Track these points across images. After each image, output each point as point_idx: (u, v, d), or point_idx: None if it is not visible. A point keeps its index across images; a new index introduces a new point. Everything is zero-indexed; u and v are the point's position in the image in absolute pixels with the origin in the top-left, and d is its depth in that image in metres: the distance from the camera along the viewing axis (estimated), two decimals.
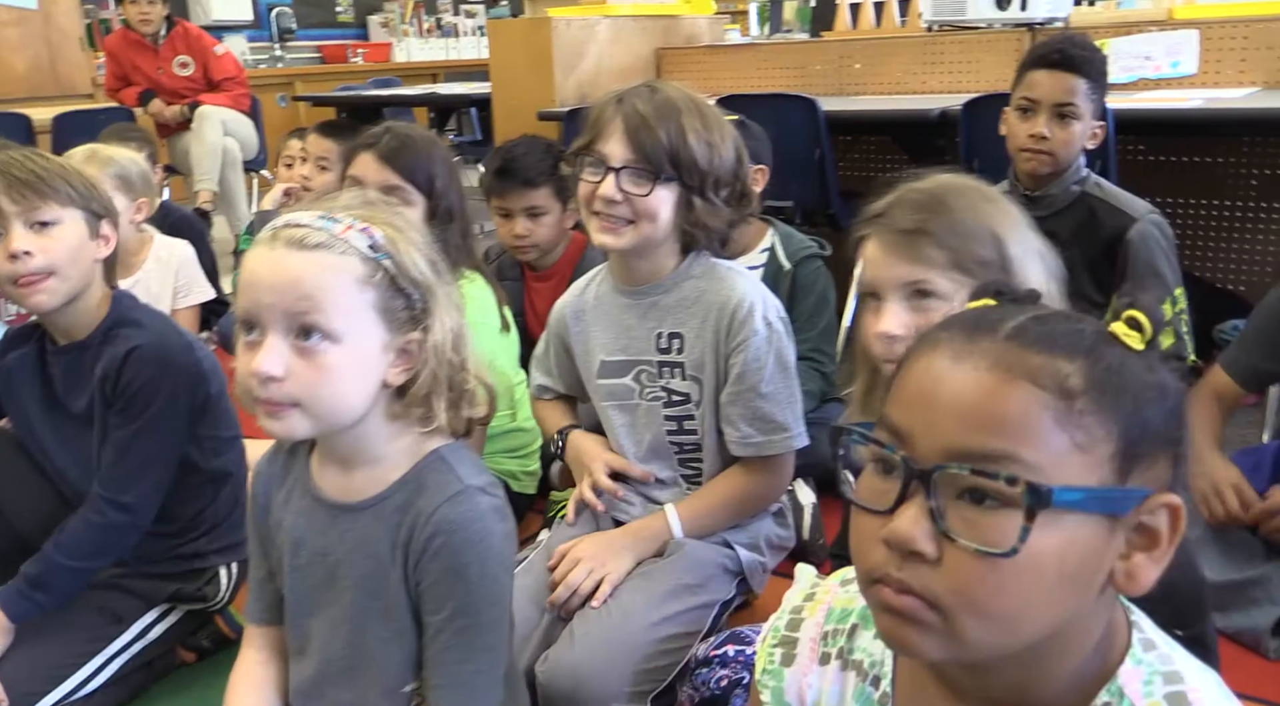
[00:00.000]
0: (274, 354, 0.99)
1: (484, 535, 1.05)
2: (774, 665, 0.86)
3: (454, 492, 1.06)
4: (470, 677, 1.08)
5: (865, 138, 3.60)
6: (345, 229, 1.03)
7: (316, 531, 1.12)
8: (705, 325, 1.56)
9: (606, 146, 1.49)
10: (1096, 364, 0.64)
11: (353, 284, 1.01)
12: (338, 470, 1.12)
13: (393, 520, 1.08)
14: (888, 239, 1.17)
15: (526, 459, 2.13)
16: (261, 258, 1.03)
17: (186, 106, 4.78)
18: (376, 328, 1.03)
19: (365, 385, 1.04)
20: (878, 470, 0.68)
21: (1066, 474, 0.62)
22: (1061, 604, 0.64)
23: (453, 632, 1.06)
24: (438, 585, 1.06)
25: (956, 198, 1.17)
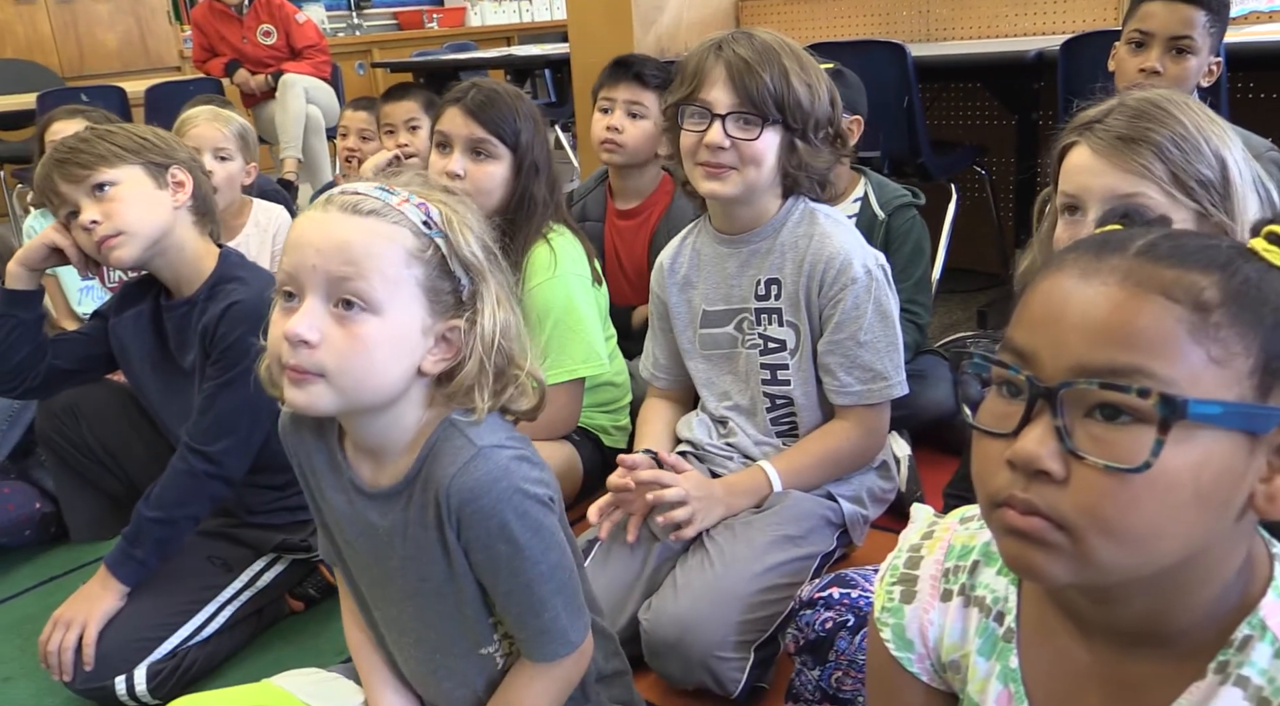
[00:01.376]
0: (311, 317, 0.95)
1: (512, 491, 1.01)
2: (894, 602, 0.84)
3: (469, 457, 1.01)
4: (550, 623, 1.06)
5: (953, 85, 3.50)
6: (401, 201, 1.00)
7: (358, 515, 1.09)
8: (801, 272, 1.54)
9: (710, 94, 1.48)
10: (1233, 277, 0.62)
11: (402, 255, 0.97)
12: (368, 460, 1.09)
13: (421, 499, 1.04)
14: (1102, 145, 1.11)
15: (617, 413, 2.13)
16: (311, 220, 0.99)
17: (270, 75, 4.86)
18: (419, 307, 0.99)
19: (400, 366, 0.99)
20: (1001, 394, 0.66)
21: (1202, 389, 0.60)
22: (1196, 525, 0.62)
23: (519, 592, 1.04)
24: (484, 550, 1.03)
25: (1182, 111, 1.10)
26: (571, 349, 1.89)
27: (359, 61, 6.71)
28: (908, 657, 0.84)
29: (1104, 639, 0.72)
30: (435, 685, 1.15)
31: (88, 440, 1.91)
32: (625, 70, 2.36)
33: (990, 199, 3.33)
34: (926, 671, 0.84)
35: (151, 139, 1.61)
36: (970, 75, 3.30)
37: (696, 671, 1.38)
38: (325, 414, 1.02)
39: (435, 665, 1.13)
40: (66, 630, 1.51)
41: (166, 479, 1.56)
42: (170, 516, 1.55)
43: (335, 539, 1.15)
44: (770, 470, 1.55)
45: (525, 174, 1.87)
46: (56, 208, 1.58)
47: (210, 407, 1.56)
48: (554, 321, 1.88)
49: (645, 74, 2.34)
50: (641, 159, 2.38)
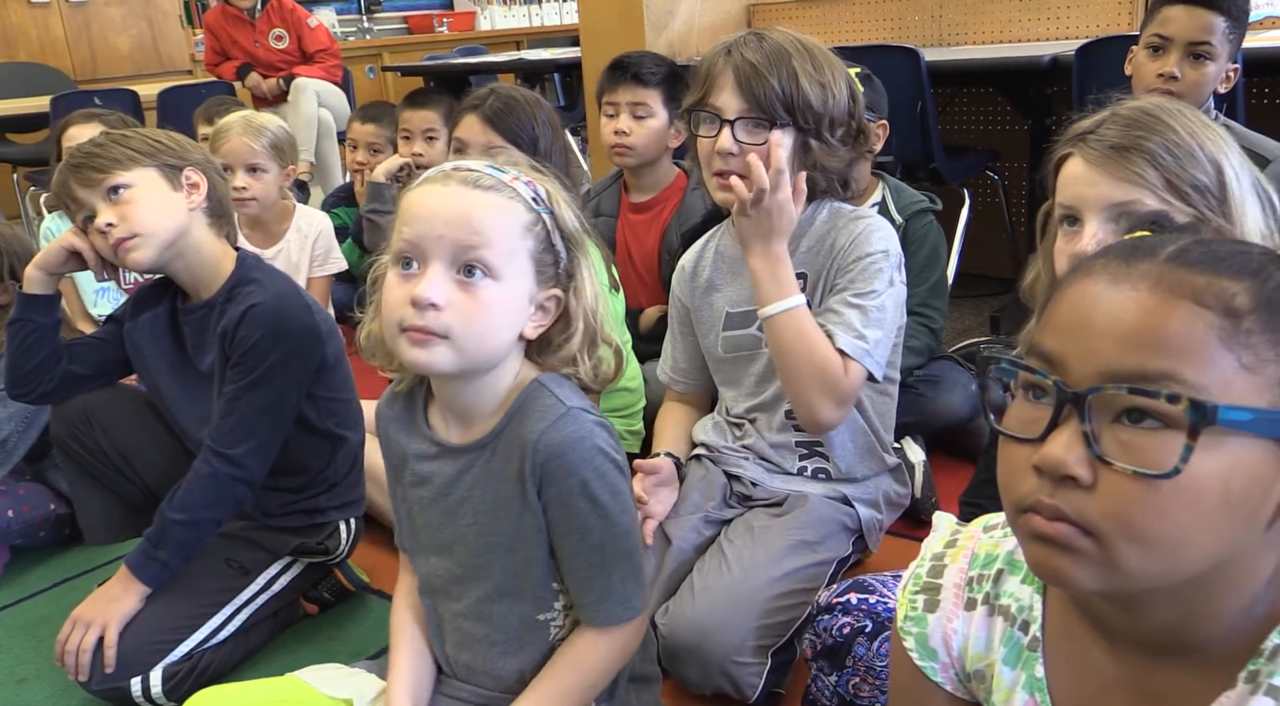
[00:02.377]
0: (438, 282, 1.01)
1: (595, 452, 1.07)
2: (917, 611, 0.84)
3: (558, 415, 1.07)
4: (618, 586, 1.10)
5: (966, 90, 3.49)
6: (513, 179, 1.07)
7: (436, 471, 1.14)
8: (826, 260, 1.54)
9: (719, 99, 1.47)
10: (1265, 283, 0.61)
11: (517, 228, 1.05)
12: (455, 422, 1.14)
13: (504, 453, 1.09)
14: (1096, 155, 1.12)
15: (631, 418, 2.13)
16: (434, 192, 1.05)
17: (282, 79, 4.88)
18: (529, 276, 1.06)
19: (511, 329, 1.07)
20: (1027, 398, 0.66)
21: (1233, 395, 0.59)
22: (1225, 533, 0.61)
23: (589, 550, 1.09)
24: (563, 508, 1.08)
25: (1175, 117, 1.11)
26: None
27: (369, 65, 6.72)
28: (932, 667, 0.83)
29: (1131, 648, 0.71)
30: (484, 655, 1.17)
31: (101, 444, 1.91)
32: (623, 72, 2.37)
33: (1003, 204, 3.33)
34: (951, 681, 0.83)
35: (165, 142, 1.62)
36: (983, 80, 3.30)
37: (714, 676, 1.37)
38: (444, 372, 1.07)
39: (488, 632, 1.16)
40: (86, 630, 1.52)
41: (190, 481, 1.57)
42: (194, 519, 1.56)
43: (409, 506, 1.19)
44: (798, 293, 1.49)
45: None
46: (74, 213, 1.59)
47: (232, 411, 1.57)
48: None
49: (643, 73, 2.34)
50: (652, 157, 2.39)
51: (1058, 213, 1.19)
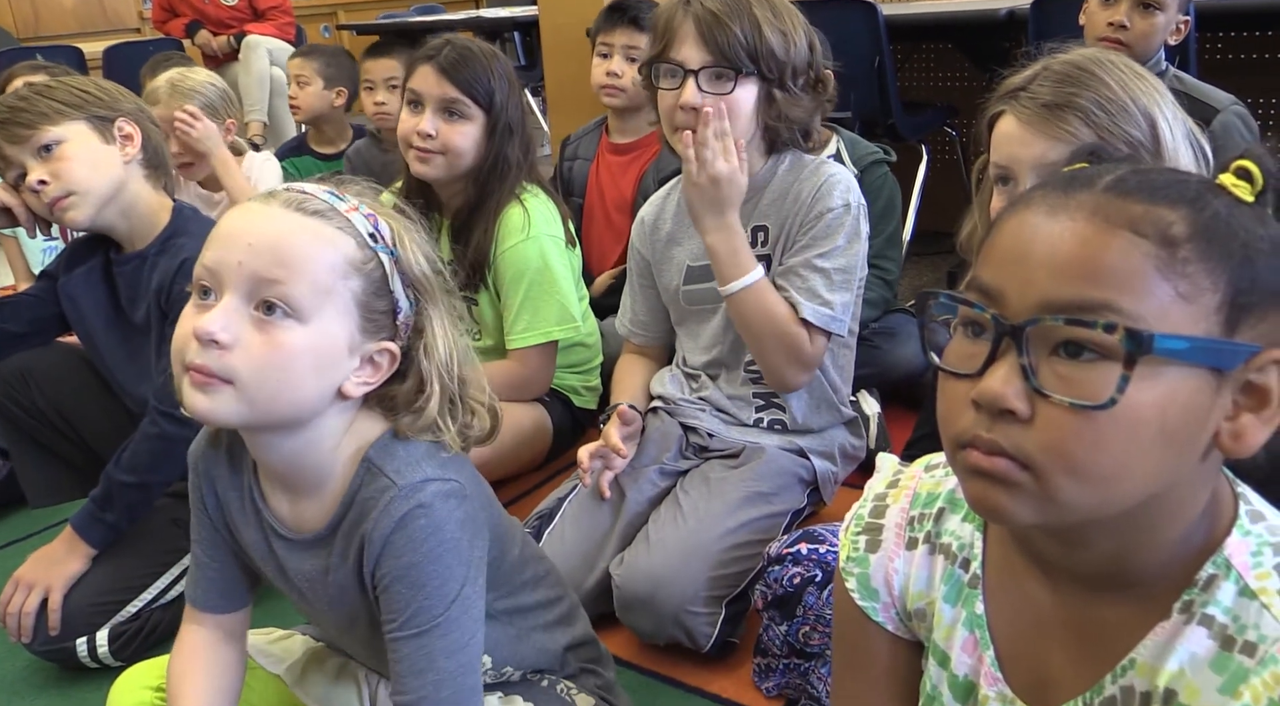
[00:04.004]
0: (227, 316, 0.86)
1: (431, 530, 0.93)
2: (859, 552, 0.84)
3: (388, 500, 0.93)
4: (434, 690, 0.94)
5: (925, 45, 3.48)
6: (350, 208, 0.93)
7: (276, 556, 1.02)
8: (789, 211, 1.52)
9: (681, 52, 1.45)
10: (1201, 212, 0.61)
11: (340, 264, 0.89)
12: (283, 494, 1.00)
13: (341, 547, 0.97)
14: (1028, 114, 1.10)
15: (588, 374, 2.12)
16: (248, 211, 0.91)
17: (233, 37, 4.77)
18: (350, 322, 0.91)
19: (318, 382, 0.91)
20: (967, 334, 0.65)
21: (1169, 324, 0.59)
22: (1161, 463, 0.61)
23: (409, 641, 0.94)
24: (389, 591, 0.94)
25: (1107, 71, 1.09)
26: (545, 310, 1.88)
27: (324, 24, 6.59)
28: (873, 607, 0.83)
29: (1069, 582, 0.71)
30: None
31: (40, 405, 1.86)
32: (620, 15, 2.38)
33: (961, 160, 3.33)
34: (892, 620, 0.83)
35: (94, 92, 1.56)
36: (942, 35, 3.28)
37: (668, 626, 1.38)
38: (227, 424, 0.94)
39: None
40: (29, 592, 1.49)
41: (137, 442, 1.53)
42: (142, 480, 1.53)
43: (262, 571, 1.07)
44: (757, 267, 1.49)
45: (499, 135, 1.84)
46: (3, 171, 1.54)
47: None
48: (529, 283, 1.86)
49: (641, 18, 2.35)
50: (641, 102, 2.38)
51: (992, 171, 1.18)
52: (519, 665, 1.14)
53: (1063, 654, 0.72)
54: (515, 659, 1.13)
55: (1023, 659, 0.75)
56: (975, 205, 1.26)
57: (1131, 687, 0.68)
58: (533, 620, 1.14)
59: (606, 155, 2.50)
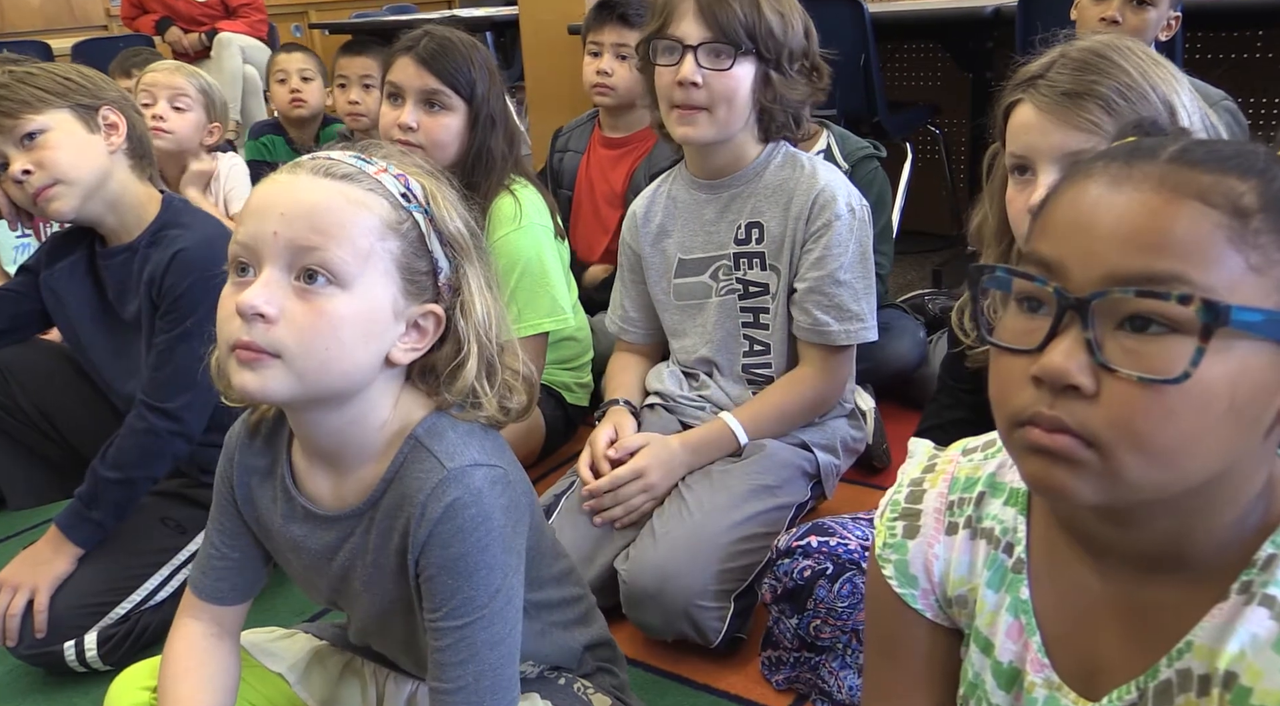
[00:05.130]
0: (270, 289, 0.84)
1: (480, 520, 0.90)
2: (896, 538, 0.82)
3: (437, 481, 0.91)
4: (475, 680, 0.92)
5: (911, 44, 3.49)
6: (380, 170, 0.90)
7: (312, 539, 0.99)
8: (787, 213, 1.52)
9: (680, 27, 1.45)
10: (1272, 182, 0.60)
11: (376, 226, 0.87)
12: (324, 470, 0.98)
13: (385, 525, 0.95)
14: (1047, 102, 1.08)
15: (579, 370, 2.10)
16: (276, 183, 0.88)
17: (204, 34, 4.69)
18: (394, 285, 0.89)
19: (367, 350, 0.88)
20: (1023, 309, 0.64)
21: (1241, 296, 0.57)
22: (1228, 440, 0.60)
23: (453, 631, 0.92)
24: (433, 580, 0.92)
25: (1126, 57, 1.07)
26: (537, 302, 1.85)
27: (295, 23, 6.51)
28: (912, 594, 0.81)
29: (1119, 565, 0.70)
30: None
31: (20, 403, 1.81)
32: (609, 12, 2.36)
33: (944, 159, 3.34)
34: (931, 607, 0.81)
35: (77, 79, 1.51)
36: (927, 34, 3.29)
37: (677, 621, 1.36)
38: (280, 400, 0.90)
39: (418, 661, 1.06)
40: (14, 594, 1.44)
41: (124, 438, 1.49)
42: (129, 477, 1.49)
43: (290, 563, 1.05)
44: (733, 422, 1.53)
45: (481, 126, 1.81)
46: None
47: (166, 362, 1.49)
48: (520, 273, 1.82)
49: (630, 15, 2.33)
50: (632, 99, 2.38)
51: (1008, 161, 1.17)
52: (539, 661, 1.12)
53: (1113, 638, 0.71)
54: (536, 654, 1.10)
55: (1071, 644, 0.73)
56: (985, 195, 1.25)
57: (1189, 670, 0.66)
58: (555, 616, 1.12)
59: (599, 149, 2.49)
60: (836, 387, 1.59)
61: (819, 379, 1.56)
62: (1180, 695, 0.67)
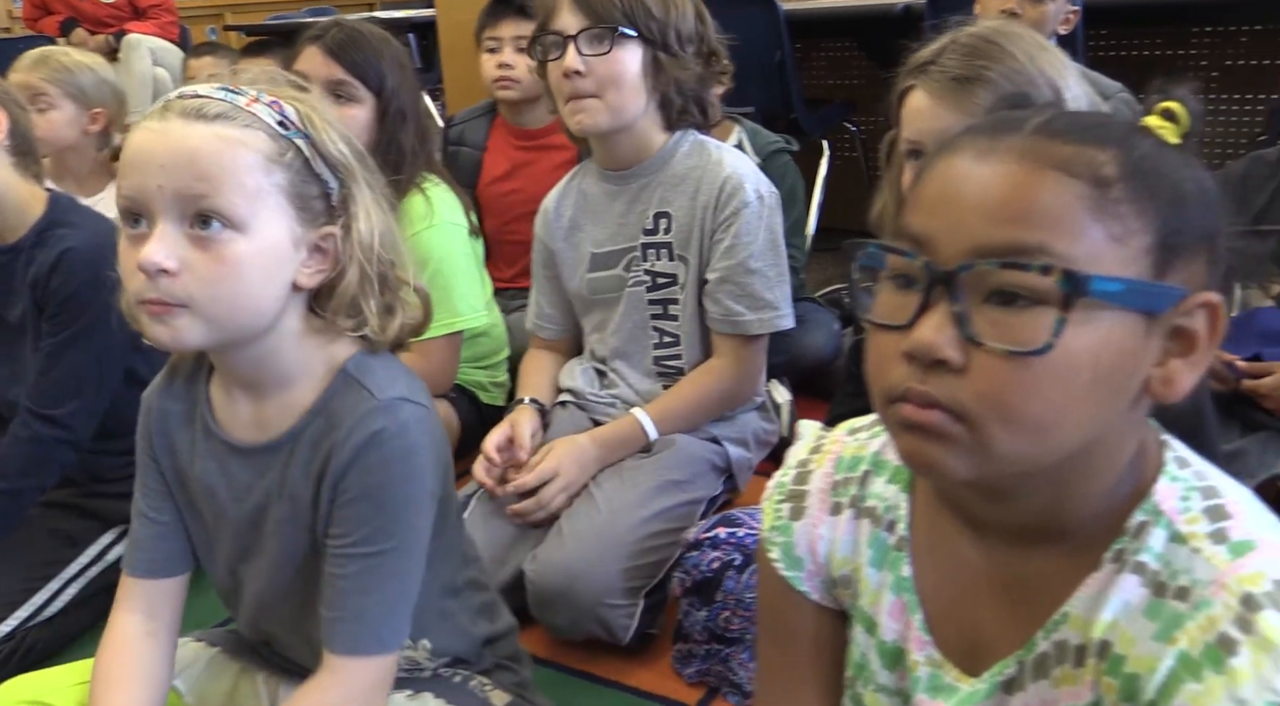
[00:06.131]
0: (166, 243, 0.84)
1: (404, 452, 0.91)
2: (782, 520, 0.81)
3: (366, 411, 0.91)
4: (373, 610, 0.93)
5: (828, 43, 3.53)
6: (251, 101, 0.88)
7: (229, 477, 0.99)
8: (695, 202, 1.51)
9: (560, 20, 1.45)
10: (1131, 152, 0.60)
11: (260, 162, 0.87)
12: (246, 399, 0.97)
13: (306, 456, 0.94)
14: (938, 88, 1.10)
15: (494, 369, 2.07)
16: (150, 131, 0.86)
17: (111, 36, 4.57)
18: (287, 216, 0.89)
19: (273, 285, 0.89)
20: (896, 286, 0.63)
21: (1103, 267, 0.58)
22: (1095, 410, 0.60)
23: (360, 558, 0.92)
24: (349, 505, 0.92)
25: (1014, 43, 1.09)
26: (449, 301, 1.82)
27: (210, 25, 6.37)
28: (797, 576, 0.80)
29: (998, 538, 0.70)
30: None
31: None
32: (506, 6, 2.34)
33: (861, 157, 3.37)
34: (817, 589, 0.81)
35: None
36: (841, 32, 3.33)
37: (585, 620, 1.34)
38: (195, 348, 0.93)
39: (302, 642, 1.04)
40: None
41: (8, 446, 1.44)
42: (14, 487, 1.43)
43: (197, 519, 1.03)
44: (643, 417, 1.51)
45: (391, 120, 1.77)
46: None
47: (52, 367, 1.44)
48: (432, 271, 1.79)
49: (528, 6, 2.29)
50: (537, 92, 2.32)
51: (904, 147, 1.18)
52: (436, 643, 1.08)
53: (994, 613, 0.70)
54: (434, 634, 1.07)
55: (953, 621, 0.73)
56: (885, 181, 1.26)
57: (1065, 642, 0.66)
58: (459, 601, 1.10)
59: (513, 149, 2.43)
60: (749, 379, 1.59)
61: (732, 371, 1.55)
62: (1057, 666, 0.67)
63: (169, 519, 1.03)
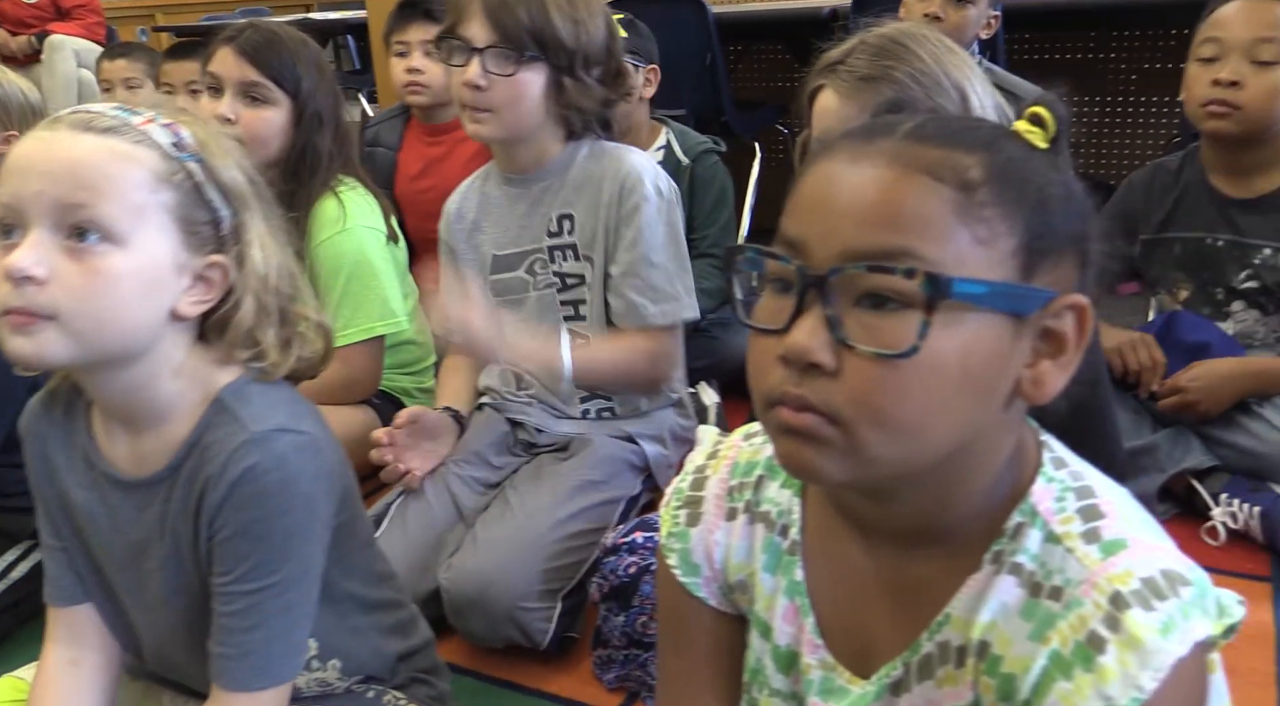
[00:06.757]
0: (37, 250, 0.81)
1: (281, 485, 0.88)
2: (679, 526, 0.81)
3: (239, 444, 0.88)
4: (261, 646, 0.90)
5: (760, 46, 3.55)
6: (146, 121, 0.87)
7: (110, 509, 0.96)
8: (598, 200, 1.51)
9: (469, 29, 1.43)
10: (997, 156, 0.61)
11: (147, 178, 0.85)
12: (123, 433, 0.94)
13: (184, 491, 0.91)
14: (846, 87, 1.11)
15: (420, 375, 2.05)
16: (36, 140, 0.84)
17: (34, 36, 4.45)
18: (171, 239, 0.86)
19: (148, 307, 0.86)
20: (775, 290, 0.63)
21: (968, 269, 0.58)
22: (965, 411, 0.61)
23: (243, 596, 0.90)
24: (228, 543, 0.89)
25: (920, 44, 1.11)
26: (367, 306, 1.79)
27: (140, 26, 6.24)
28: (695, 583, 0.80)
29: (884, 541, 0.70)
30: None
31: None
32: (412, 10, 2.32)
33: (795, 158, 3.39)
34: (714, 595, 0.81)
35: None
36: (771, 35, 3.35)
37: (502, 626, 1.32)
38: (58, 365, 0.89)
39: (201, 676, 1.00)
40: None
41: None
42: None
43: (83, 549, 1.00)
44: (566, 348, 1.47)
45: (307, 124, 1.74)
46: None
47: None
48: (347, 276, 1.77)
49: (435, 10, 2.28)
50: (447, 98, 2.31)
51: (814, 146, 1.19)
52: (347, 663, 1.06)
53: (883, 615, 0.71)
54: (344, 653, 1.05)
55: (844, 624, 0.73)
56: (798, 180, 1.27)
57: (948, 643, 0.67)
58: (372, 618, 1.08)
59: (424, 144, 2.42)
60: (666, 366, 1.56)
61: (647, 347, 1.53)
62: (940, 667, 0.67)
63: (70, 544, 1.00)
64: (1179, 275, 1.80)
